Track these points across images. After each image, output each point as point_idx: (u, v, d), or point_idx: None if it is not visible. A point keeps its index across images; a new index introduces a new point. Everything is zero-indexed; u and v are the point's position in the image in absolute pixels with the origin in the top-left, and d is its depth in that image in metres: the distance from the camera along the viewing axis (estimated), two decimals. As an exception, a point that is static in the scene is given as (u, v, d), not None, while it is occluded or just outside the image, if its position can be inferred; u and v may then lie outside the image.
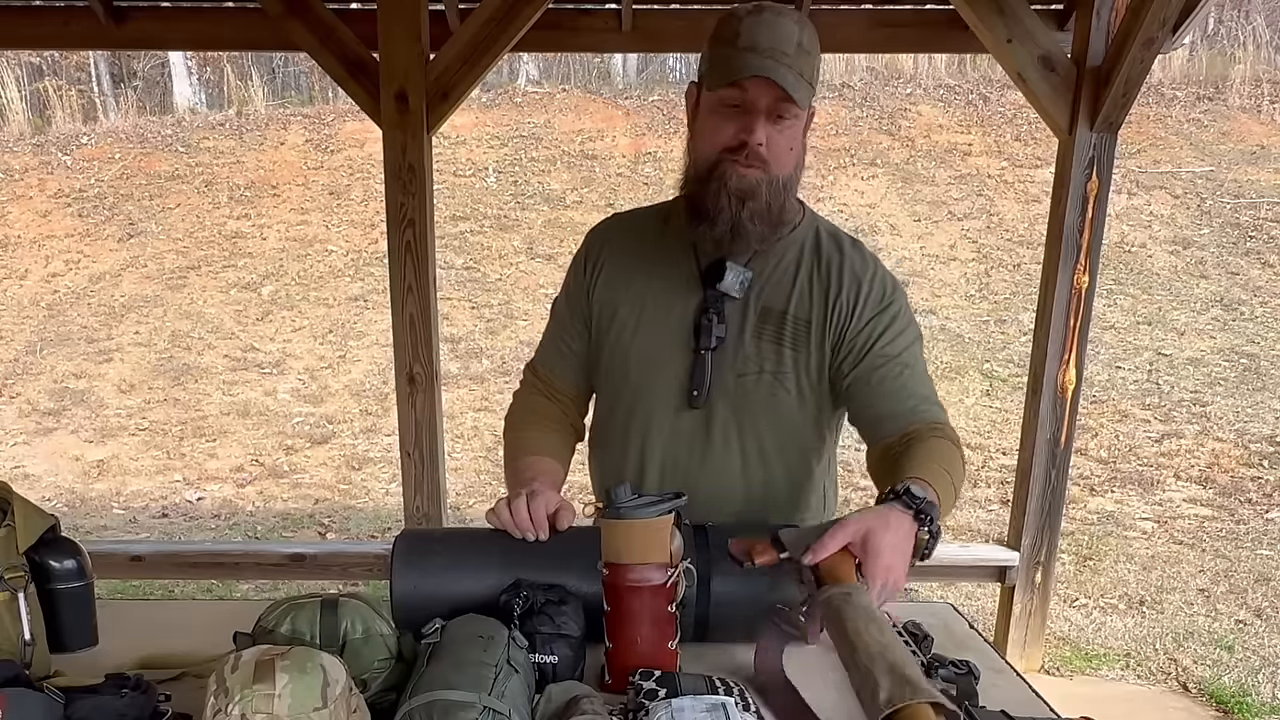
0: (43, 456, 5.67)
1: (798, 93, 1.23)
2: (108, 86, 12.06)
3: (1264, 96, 9.41)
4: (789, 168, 1.32)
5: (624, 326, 1.44)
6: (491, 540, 1.32)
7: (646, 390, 1.43)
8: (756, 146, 1.27)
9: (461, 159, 8.98)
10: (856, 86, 9.78)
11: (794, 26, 1.26)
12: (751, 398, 1.37)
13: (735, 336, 1.37)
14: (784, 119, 1.27)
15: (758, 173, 1.28)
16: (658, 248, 1.43)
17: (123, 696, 1.01)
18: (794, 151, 1.32)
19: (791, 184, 1.34)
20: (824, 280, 1.38)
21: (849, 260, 1.40)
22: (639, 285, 1.43)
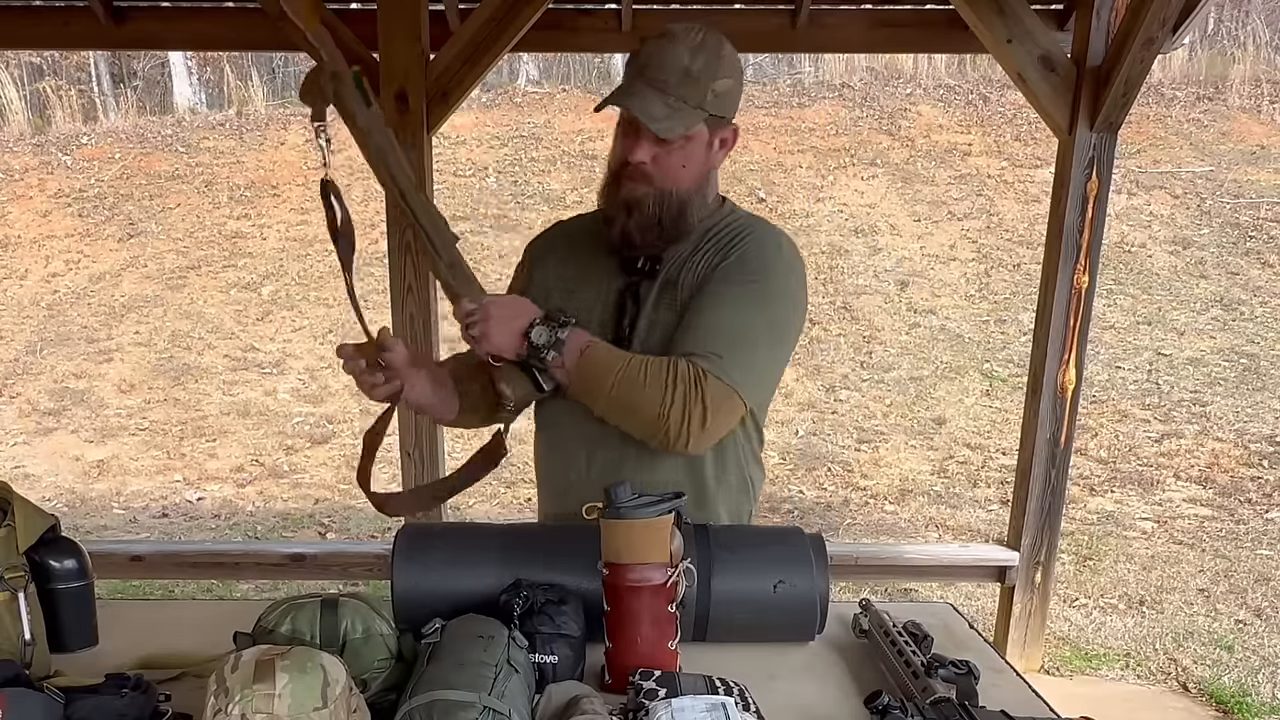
0: (43, 456, 5.67)
1: (657, 123, 1.30)
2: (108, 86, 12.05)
3: (1264, 96, 9.41)
4: (686, 183, 1.38)
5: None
6: (492, 534, 1.32)
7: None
8: (638, 165, 1.36)
9: (461, 159, 8.98)
10: (856, 86, 9.79)
11: (685, 53, 1.30)
12: None
13: (647, 313, 1.43)
14: (672, 141, 1.33)
15: (645, 188, 1.37)
16: (590, 247, 1.50)
17: (123, 696, 1.01)
18: (689, 169, 1.38)
19: (692, 197, 1.40)
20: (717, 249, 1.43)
21: (739, 234, 1.44)
22: (571, 279, 1.50)
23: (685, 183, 1.38)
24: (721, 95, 1.35)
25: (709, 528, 1.34)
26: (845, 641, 1.34)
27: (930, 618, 1.35)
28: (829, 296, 7.38)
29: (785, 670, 1.26)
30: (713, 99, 1.33)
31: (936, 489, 5.17)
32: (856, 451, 5.58)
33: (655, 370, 1.32)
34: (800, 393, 6.31)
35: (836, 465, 5.43)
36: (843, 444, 5.67)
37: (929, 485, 5.22)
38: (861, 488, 5.22)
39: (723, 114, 1.37)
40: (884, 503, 5.06)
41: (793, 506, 5.01)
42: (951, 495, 5.11)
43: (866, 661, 1.29)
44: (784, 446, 5.68)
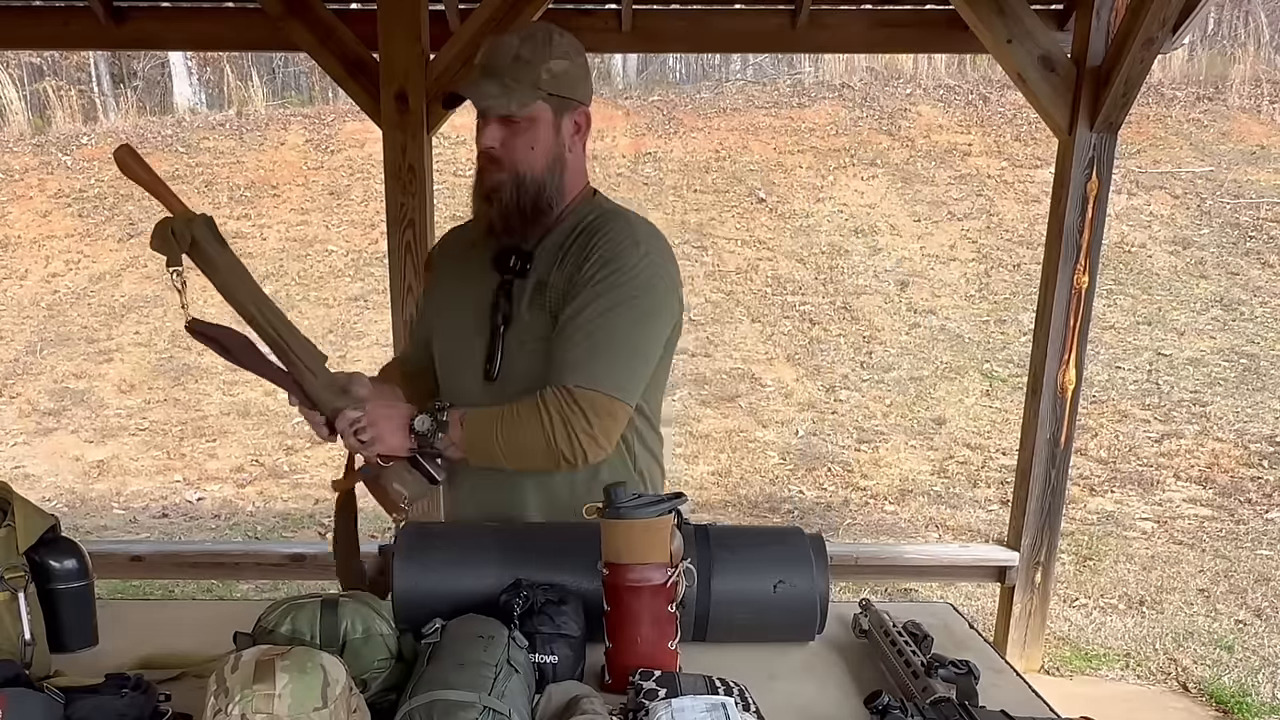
0: (43, 456, 5.67)
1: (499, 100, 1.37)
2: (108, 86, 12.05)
3: (1264, 96, 9.41)
4: (538, 166, 1.42)
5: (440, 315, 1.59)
6: (492, 534, 1.32)
7: (455, 370, 1.55)
8: (487, 149, 1.42)
9: (461, 159, 8.97)
10: (856, 86, 9.79)
11: (514, 40, 1.39)
12: (535, 365, 1.43)
13: (520, 313, 1.46)
14: (517, 122, 1.39)
15: (499, 173, 1.42)
16: (471, 249, 1.54)
17: (123, 696, 1.01)
18: (538, 150, 1.42)
19: (548, 180, 1.44)
20: (583, 246, 1.45)
21: (601, 227, 1.45)
22: (455, 279, 1.58)
23: (537, 166, 1.42)
24: (558, 75, 1.40)
25: (709, 528, 1.34)
26: (845, 641, 1.34)
27: (930, 618, 1.35)
28: (829, 296, 7.39)
29: (785, 670, 1.26)
30: (548, 78, 1.39)
31: (936, 489, 5.17)
32: (856, 451, 5.58)
33: (527, 408, 1.38)
34: (800, 393, 6.31)
35: (836, 465, 5.43)
36: (843, 444, 5.67)
37: (929, 485, 5.22)
38: (861, 488, 5.22)
39: (564, 94, 1.41)
40: (884, 503, 5.06)
41: (793, 506, 5.01)
42: (951, 495, 5.11)
43: (866, 661, 1.29)
44: (784, 446, 5.68)
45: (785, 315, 7.19)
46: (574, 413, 1.35)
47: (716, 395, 6.29)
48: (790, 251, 7.91)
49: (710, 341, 6.88)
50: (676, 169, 8.77)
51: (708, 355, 6.73)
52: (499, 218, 1.44)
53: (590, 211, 1.49)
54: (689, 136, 9.16)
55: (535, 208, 1.44)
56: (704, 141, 9.08)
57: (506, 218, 1.43)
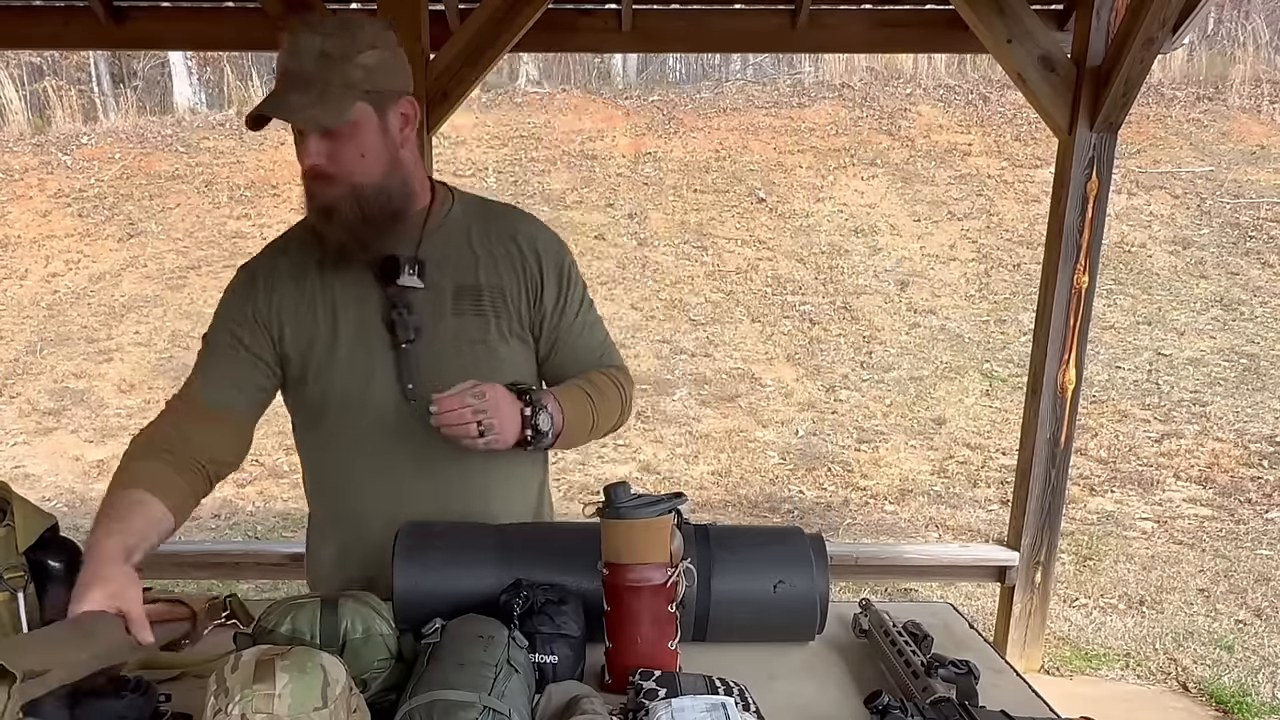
0: (43, 456, 5.67)
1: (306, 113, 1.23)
2: (108, 86, 12.05)
3: (1264, 96, 9.41)
4: (373, 172, 1.31)
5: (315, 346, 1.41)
6: (492, 534, 1.32)
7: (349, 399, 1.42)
8: (313, 168, 1.28)
9: (461, 159, 8.97)
10: (856, 86, 9.78)
11: (315, 38, 1.23)
12: (472, 373, 1.34)
13: (434, 321, 1.40)
14: (339, 130, 1.26)
15: (334, 189, 1.29)
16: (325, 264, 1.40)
17: (122, 698, 1.01)
18: (369, 157, 1.30)
19: (390, 184, 1.33)
20: (503, 247, 1.43)
21: (519, 223, 1.47)
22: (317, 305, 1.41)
23: (374, 172, 1.30)
24: (373, 69, 1.26)
25: (709, 528, 1.34)
26: (845, 641, 1.34)
27: (930, 618, 1.35)
28: (829, 296, 7.39)
29: (785, 670, 1.26)
30: (362, 75, 1.25)
31: (936, 489, 5.17)
32: (856, 451, 5.58)
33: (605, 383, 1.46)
34: (800, 393, 6.31)
35: (836, 465, 5.43)
36: (843, 444, 5.67)
37: (929, 485, 5.22)
38: (861, 488, 5.22)
39: (383, 88, 1.28)
40: (884, 503, 5.06)
41: (793, 506, 5.01)
42: (951, 495, 5.11)
43: (866, 661, 1.29)
44: (784, 446, 5.68)
45: (785, 315, 7.19)
46: (631, 385, 1.52)
47: (716, 395, 6.29)
48: (790, 251, 7.91)
49: (710, 341, 6.88)
50: (676, 169, 8.77)
51: (708, 355, 6.73)
52: (345, 232, 1.31)
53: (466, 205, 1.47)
54: (689, 136, 9.16)
55: (385, 216, 1.33)
56: (704, 141, 9.08)
57: (354, 232, 1.31)
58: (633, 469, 5.45)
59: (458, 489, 1.45)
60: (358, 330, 1.40)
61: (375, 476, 1.46)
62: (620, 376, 1.50)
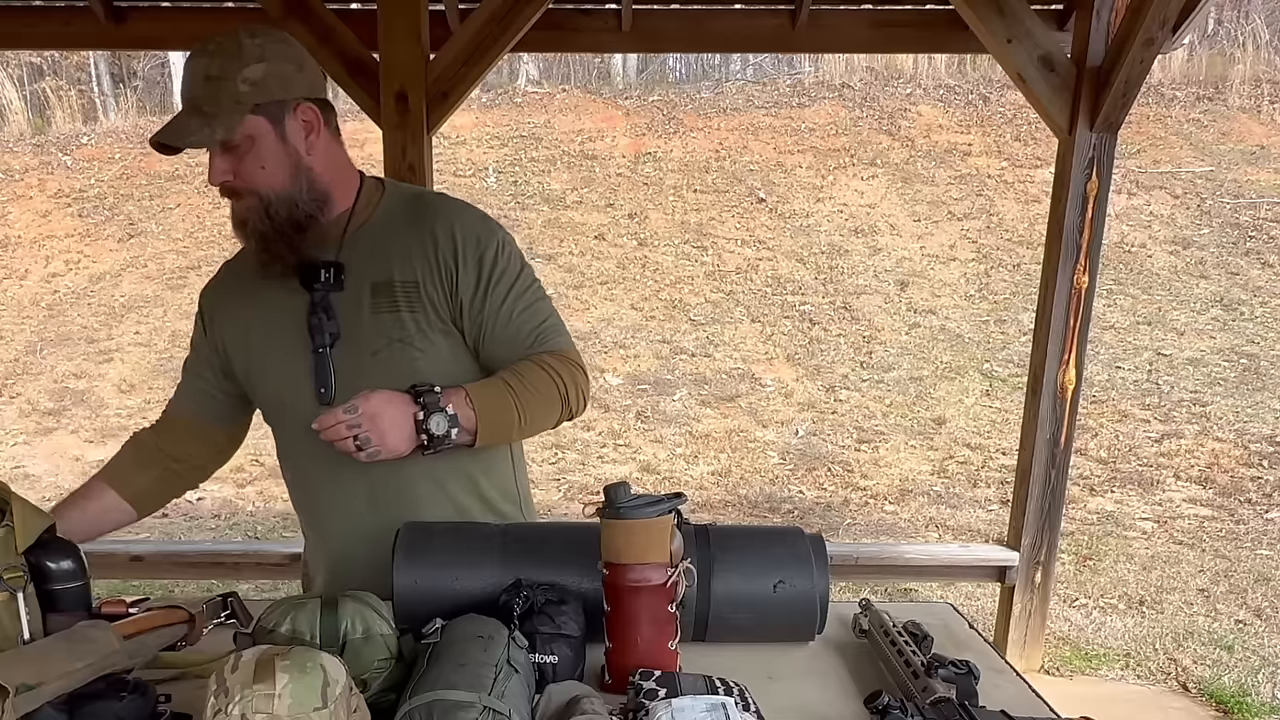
0: (43, 456, 5.67)
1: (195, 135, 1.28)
2: (108, 86, 12.05)
3: (1264, 96, 9.41)
4: (278, 181, 1.34)
5: (254, 352, 1.48)
6: (492, 534, 1.32)
7: (285, 402, 1.47)
8: (222, 184, 1.34)
9: (461, 159, 8.98)
10: (856, 86, 9.79)
11: (203, 61, 1.30)
12: (393, 371, 1.37)
13: (353, 322, 1.40)
14: (236, 147, 1.31)
15: (243, 202, 1.35)
16: (256, 278, 1.45)
17: (122, 699, 1.01)
18: (270, 167, 1.33)
19: (296, 193, 1.35)
20: (420, 238, 1.40)
21: (439, 213, 1.43)
22: (254, 313, 1.47)
23: (278, 182, 1.34)
24: (259, 82, 1.30)
25: (709, 528, 1.34)
26: (845, 641, 1.34)
27: (930, 618, 1.35)
28: (829, 296, 7.39)
29: (785, 670, 1.26)
30: (248, 89, 1.29)
31: (936, 489, 5.17)
32: (856, 451, 5.58)
33: (532, 373, 1.39)
34: (800, 393, 6.31)
35: (836, 465, 5.43)
36: (843, 444, 5.67)
37: (929, 485, 5.22)
38: (861, 488, 5.22)
39: (274, 98, 1.31)
40: (884, 503, 5.06)
41: (793, 506, 5.01)
42: (951, 495, 5.11)
43: (866, 661, 1.28)
44: (784, 446, 5.68)
45: (785, 315, 7.19)
46: (576, 370, 1.42)
47: (716, 395, 6.29)
48: (790, 251, 7.91)
49: (710, 341, 6.88)
50: (676, 169, 8.77)
51: (708, 355, 6.73)
52: (261, 243, 1.35)
53: (393, 201, 1.45)
54: (689, 136, 9.16)
55: (294, 223, 1.35)
56: (704, 141, 9.08)
57: (268, 241, 1.35)
58: (633, 469, 5.45)
59: (388, 495, 1.43)
60: (283, 337, 1.42)
61: (314, 483, 1.51)
62: (553, 362, 1.41)
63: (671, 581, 1.16)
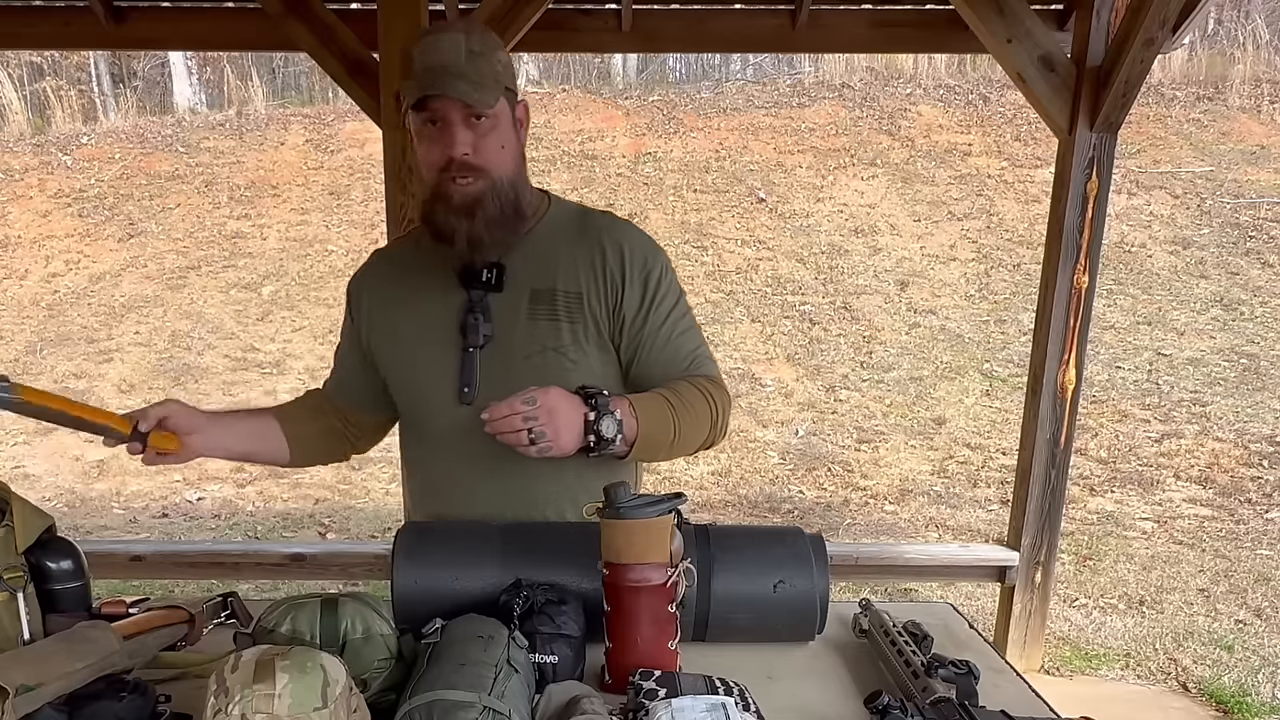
0: (43, 456, 5.67)
1: (476, 96, 1.28)
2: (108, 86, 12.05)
3: (1264, 96, 9.41)
4: (508, 166, 1.36)
5: (402, 345, 1.47)
6: (492, 534, 1.32)
7: (426, 398, 1.46)
8: (462, 157, 1.31)
9: (461, 159, 8.97)
10: (856, 86, 9.79)
11: (459, 36, 1.30)
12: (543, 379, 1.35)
13: (508, 326, 1.41)
14: (481, 122, 1.31)
15: (477, 182, 1.32)
16: (415, 269, 1.47)
17: (122, 700, 1.01)
18: (507, 149, 1.35)
19: (518, 180, 1.38)
20: (587, 251, 1.42)
21: (608, 229, 1.44)
22: (407, 307, 1.47)
23: (509, 166, 1.35)
24: (506, 67, 1.34)
25: (709, 528, 1.34)
26: (845, 641, 1.34)
27: (930, 618, 1.35)
28: (829, 296, 7.39)
29: (785, 670, 1.26)
30: (502, 70, 1.33)
31: (936, 489, 5.17)
32: (856, 451, 5.58)
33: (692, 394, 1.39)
34: (800, 393, 6.31)
35: (836, 465, 5.43)
36: (843, 444, 5.67)
37: (929, 485, 5.22)
38: (861, 488, 5.22)
39: (512, 86, 1.36)
40: (884, 503, 5.06)
41: (793, 506, 5.01)
42: (951, 495, 5.11)
43: (866, 661, 1.29)
44: (784, 446, 5.68)
45: (785, 315, 7.19)
46: (726, 398, 1.44)
47: (716, 395, 6.28)
48: (790, 251, 7.91)
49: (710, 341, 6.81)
50: (676, 169, 8.77)
51: (708, 355, 6.73)
52: (486, 229, 1.33)
53: (559, 212, 1.46)
54: (689, 136, 9.16)
55: (516, 213, 1.37)
56: (704, 141, 9.08)
57: (492, 228, 1.34)
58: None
59: (524, 495, 1.43)
60: (434, 333, 1.43)
61: (447, 480, 1.48)
62: (711, 387, 1.42)
63: (671, 581, 1.16)
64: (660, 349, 1.43)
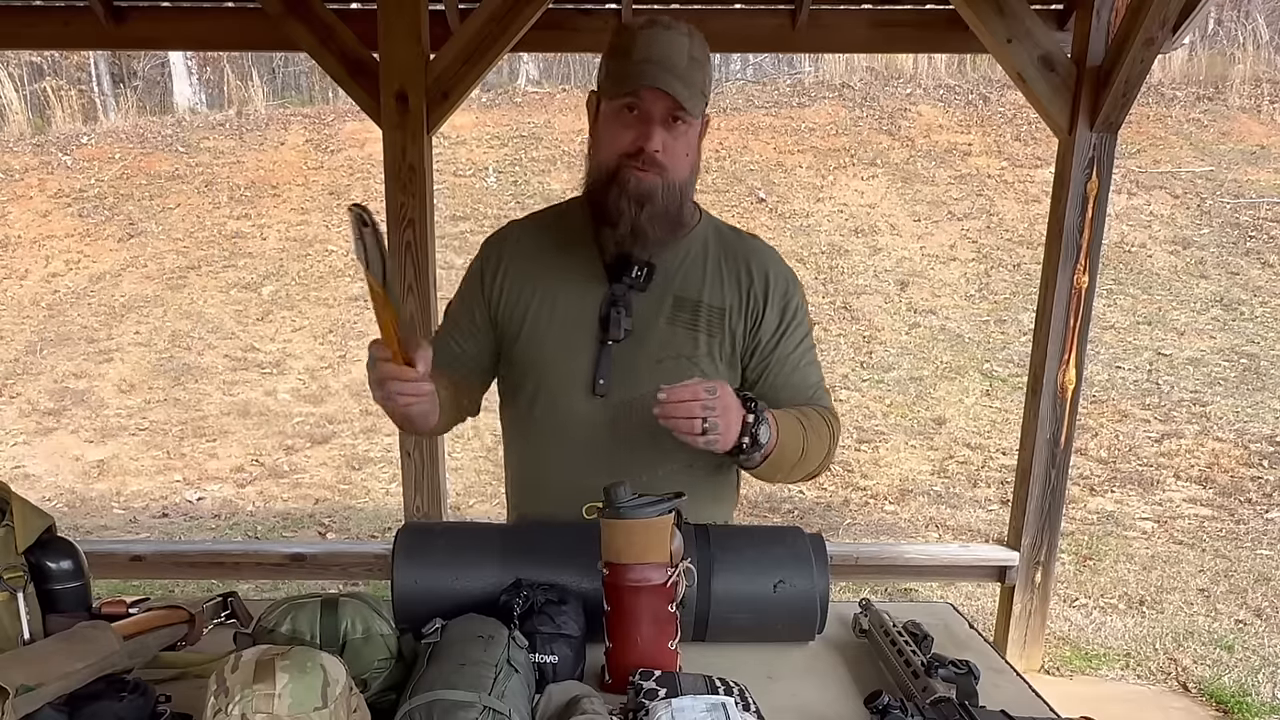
0: (43, 456, 5.66)
1: (690, 103, 1.31)
2: (108, 86, 12.05)
3: (1264, 96, 9.41)
4: (685, 172, 1.39)
5: (535, 324, 1.46)
6: (492, 534, 1.32)
7: (555, 383, 1.45)
8: (653, 153, 1.33)
9: (461, 159, 8.98)
10: (856, 86, 9.78)
11: (685, 39, 1.33)
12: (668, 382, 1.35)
13: (647, 326, 1.42)
14: (678, 126, 1.34)
15: (655, 177, 1.34)
16: (560, 248, 1.47)
17: (122, 700, 1.01)
18: (689, 157, 1.39)
19: (688, 187, 1.41)
20: (734, 270, 1.46)
21: (756, 252, 1.49)
22: (545, 284, 1.46)
23: (685, 172, 1.38)
24: (709, 79, 1.37)
25: (709, 528, 1.34)
26: (845, 641, 1.34)
27: (930, 618, 1.35)
28: (829, 296, 7.38)
29: (785, 670, 1.26)
30: (707, 81, 1.36)
31: (936, 489, 5.17)
32: (856, 451, 5.58)
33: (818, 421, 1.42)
34: (800, 393, 6.30)
35: (836, 465, 5.43)
36: (843, 444, 5.65)
37: (929, 485, 5.22)
38: (861, 488, 5.22)
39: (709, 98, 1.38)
40: (884, 503, 5.06)
41: (793, 506, 5.01)
42: (951, 495, 5.11)
43: (866, 661, 1.29)
44: (784, 446, 5.67)
45: (785, 315, 7.18)
46: (840, 433, 1.47)
47: (716, 395, 6.28)
48: (790, 251, 7.91)
49: (710, 341, 6.87)
50: (676, 169, 8.76)
51: (708, 355, 6.72)
52: (649, 223, 1.35)
53: (709, 227, 1.49)
54: (689, 136, 9.15)
55: (678, 217, 1.40)
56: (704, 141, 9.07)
57: (655, 223, 1.36)
58: (633, 469, 5.45)
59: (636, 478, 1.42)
60: (572, 320, 1.43)
61: (559, 466, 1.47)
62: (832, 420, 1.46)
63: (671, 581, 1.16)
64: (788, 375, 1.46)
